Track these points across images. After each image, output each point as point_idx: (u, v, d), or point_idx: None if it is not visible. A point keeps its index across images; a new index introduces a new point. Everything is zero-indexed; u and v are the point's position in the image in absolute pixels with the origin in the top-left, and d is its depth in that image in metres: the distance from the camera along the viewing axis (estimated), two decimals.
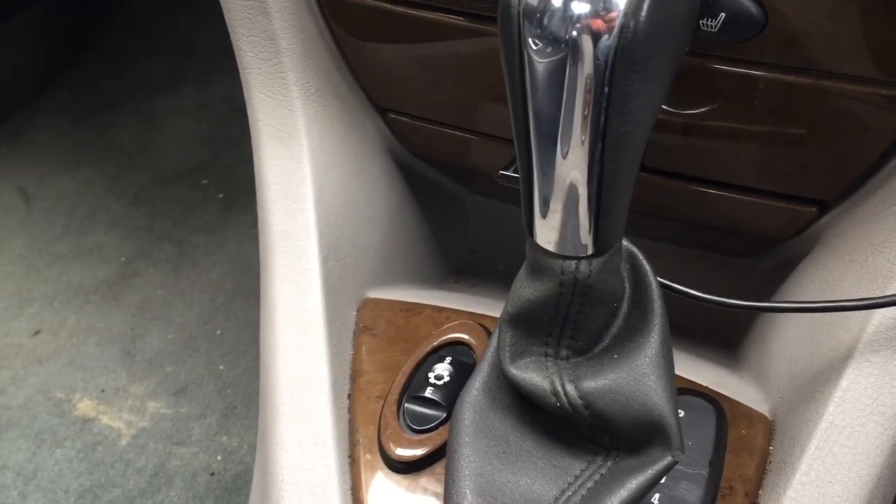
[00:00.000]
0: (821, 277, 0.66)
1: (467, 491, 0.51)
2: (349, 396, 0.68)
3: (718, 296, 0.60)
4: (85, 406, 1.56)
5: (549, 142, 0.46)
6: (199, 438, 1.48)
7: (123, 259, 1.85)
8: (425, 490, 0.61)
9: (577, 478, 0.52)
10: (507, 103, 0.48)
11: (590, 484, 0.51)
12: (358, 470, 0.62)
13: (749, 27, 0.56)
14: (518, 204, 0.51)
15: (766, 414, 0.64)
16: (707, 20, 0.55)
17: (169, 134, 2.20)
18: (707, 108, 0.63)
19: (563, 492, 0.51)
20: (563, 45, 0.42)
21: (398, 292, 0.79)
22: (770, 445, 0.61)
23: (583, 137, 0.45)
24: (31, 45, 2.30)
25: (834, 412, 0.57)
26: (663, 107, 0.64)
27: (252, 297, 1.72)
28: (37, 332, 1.70)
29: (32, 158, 2.15)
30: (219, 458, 1.45)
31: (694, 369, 0.67)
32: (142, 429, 1.50)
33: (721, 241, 0.81)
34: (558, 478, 0.52)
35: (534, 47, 0.43)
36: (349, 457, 0.64)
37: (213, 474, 1.42)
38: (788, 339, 0.66)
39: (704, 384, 0.66)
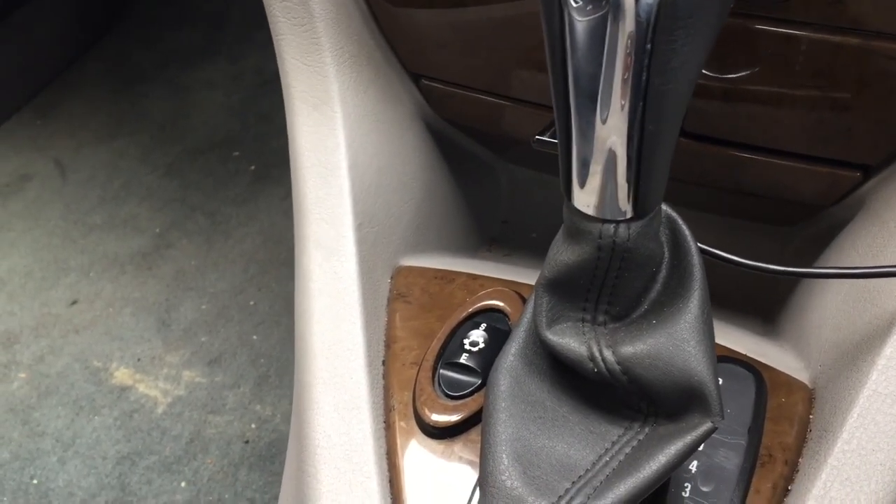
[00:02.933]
0: (864, 244, 0.65)
1: (504, 455, 0.50)
2: (384, 363, 0.68)
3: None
4: (122, 375, 1.58)
5: (589, 102, 0.45)
6: (234, 407, 1.50)
7: (157, 230, 1.87)
8: (460, 455, 0.61)
9: (614, 443, 0.51)
10: (544, 67, 0.47)
11: (627, 450, 0.51)
12: (393, 435, 0.62)
13: None
14: (551, 173, 0.50)
15: (807, 382, 0.63)
16: None
17: (201, 106, 2.21)
18: (749, 71, 0.61)
19: (600, 457, 0.51)
20: (604, 3, 0.41)
21: (431, 260, 0.79)
22: (810, 414, 0.60)
23: (624, 96, 0.44)
24: (64, 18, 2.32)
25: (877, 380, 0.56)
26: (704, 71, 0.62)
27: (284, 267, 1.73)
28: (74, 302, 1.72)
29: (67, 130, 2.17)
30: (253, 426, 1.46)
31: (733, 338, 0.66)
32: (177, 397, 1.53)
33: (762, 209, 0.80)
34: (595, 443, 0.52)
35: (574, 5, 0.42)
36: (384, 422, 0.64)
37: (247, 442, 1.44)
38: (830, 306, 0.65)
39: (744, 352, 0.65)
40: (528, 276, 0.74)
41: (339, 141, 0.75)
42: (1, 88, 2.18)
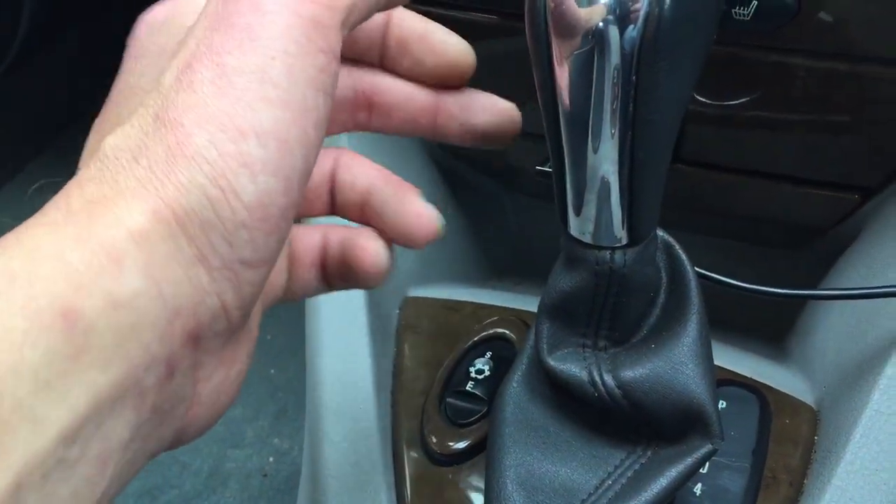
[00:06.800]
0: (865, 265, 0.65)
1: (508, 481, 0.51)
2: (392, 392, 0.69)
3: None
4: None
5: (580, 132, 0.46)
6: (252, 441, 1.51)
7: None
8: (467, 482, 0.62)
9: (616, 467, 0.52)
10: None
11: (629, 473, 0.51)
12: (401, 463, 0.63)
13: (782, 13, 0.55)
14: None
15: (812, 404, 0.63)
16: (739, 8, 0.55)
17: None
18: (743, 98, 0.63)
19: (602, 481, 0.51)
20: (590, 37, 0.43)
21: (440, 290, 0.80)
22: (815, 435, 0.61)
23: (613, 127, 0.45)
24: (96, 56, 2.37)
25: (879, 400, 0.56)
26: (698, 97, 0.64)
27: (302, 302, 1.75)
28: None
29: None
30: (271, 459, 1.47)
31: (737, 361, 0.67)
32: None
33: (765, 233, 0.80)
34: (598, 467, 0.52)
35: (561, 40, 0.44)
36: (393, 450, 0.65)
37: (265, 476, 1.45)
38: (833, 328, 0.65)
39: (748, 375, 0.65)
40: (534, 305, 0.75)
41: None
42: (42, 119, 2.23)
